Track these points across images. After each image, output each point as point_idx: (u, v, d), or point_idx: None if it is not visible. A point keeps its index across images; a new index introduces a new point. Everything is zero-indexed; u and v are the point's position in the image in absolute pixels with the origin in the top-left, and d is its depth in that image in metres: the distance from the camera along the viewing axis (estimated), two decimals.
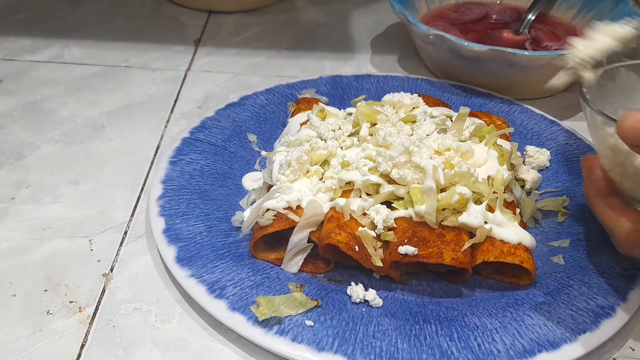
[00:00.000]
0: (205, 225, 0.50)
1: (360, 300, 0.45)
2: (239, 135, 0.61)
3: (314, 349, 0.41)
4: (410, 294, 0.47)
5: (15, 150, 0.61)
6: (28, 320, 0.44)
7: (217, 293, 0.44)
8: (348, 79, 0.70)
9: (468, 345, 0.42)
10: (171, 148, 0.57)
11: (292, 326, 0.42)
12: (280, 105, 0.66)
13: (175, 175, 0.54)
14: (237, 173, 0.57)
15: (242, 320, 0.42)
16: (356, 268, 0.48)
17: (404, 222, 0.47)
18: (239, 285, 0.45)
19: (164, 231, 0.49)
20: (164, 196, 0.52)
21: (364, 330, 0.43)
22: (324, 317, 0.43)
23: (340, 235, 0.46)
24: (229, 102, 0.64)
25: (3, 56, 0.76)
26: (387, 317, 0.44)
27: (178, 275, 0.45)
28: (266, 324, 0.42)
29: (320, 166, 0.52)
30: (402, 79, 0.70)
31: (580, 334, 0.43)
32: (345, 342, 0.42)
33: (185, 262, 0.46)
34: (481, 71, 0.68)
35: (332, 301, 0.45)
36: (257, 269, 0.47)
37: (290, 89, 0.67)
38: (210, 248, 0.48)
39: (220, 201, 0.53)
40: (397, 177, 0.47)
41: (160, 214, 0.50)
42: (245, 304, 0.43)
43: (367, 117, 0.55)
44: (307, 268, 0.48)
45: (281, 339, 0.41)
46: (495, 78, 0.68)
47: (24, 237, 0.51)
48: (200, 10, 0.89)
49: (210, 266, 0.46)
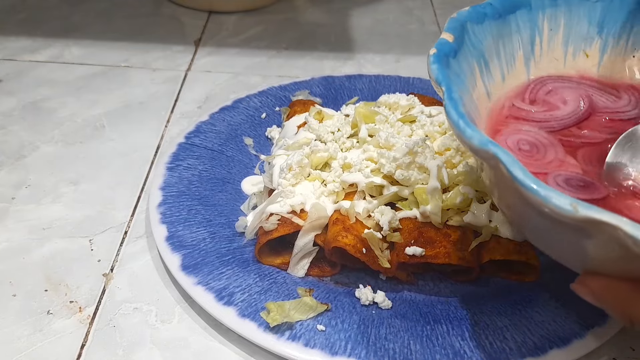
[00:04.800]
0: (208, 231, 0.50)
1: (370, 303, 0.45)
2: (234, 139, 0.60)
3: (328, 353, 0.41)
4: (418, 294, 0.47)
5: (15, 150, 0.61)
6: (28, 320, 0.44)
7: (226, 300, 0.44)
8: (340, 80, 0.69)
9: (480, 344, 0.42)
10: (167, 154, 0.57)
11: (303, 331, 0.42)
12: (274, 108, 0.65)
13: (174, 181, 0.54)
14: (236, 177, 0.57)
15: (253, 327, 0.42)
16: (362, 270, 0.48)
17: (409, 223, 0.47)
18: (247, 292, 0.45)
19: (167, 239, 0.48)
20: (164, 203, 0.51)
21: (376, 333, 0.43)
22: (334, 320, 0.43)
23: (347, 238, 0.46)
24: (223, 106, 0.64)
25: (3, 56, 0.76)
26: (398, 319, 0.44)
27: (184, 283, 0.45)
28: (277, 330, 0.42)
29: (321, 169, 0.52)
30: (394, 78, 0.70)
31: (590, 328, 0.43)
32: (358, 345, 0.41)
33: (190, 269, 0.46)
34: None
35: (342, 304, 0.45)
36: (264, 274, 0.47)
37: (284, 91, 0.67)
38: (215, 254, 0.48)
39: (221, 206, 0.53)
40: (401, 178, 0.47)
41: (161, 221, 0.50)
42: (255, 310, 0.43)
43: (365, 118, 0.54)
44: (314, 271, 0.48)
45: (294, 344, 0.41)
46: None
47: (24, 237, 0.51)
48: (200, 10, 0.89)
49: (216, 273, 0.46)
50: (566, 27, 0.45)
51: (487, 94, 0.41)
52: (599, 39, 0.45)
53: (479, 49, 0.40)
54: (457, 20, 0.39)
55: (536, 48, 0.44)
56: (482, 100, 0.40)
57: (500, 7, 0.42)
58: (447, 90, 0.34)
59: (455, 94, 0.34)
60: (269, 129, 0.63)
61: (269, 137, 0.62)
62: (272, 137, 0.62)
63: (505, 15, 0.42)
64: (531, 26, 0.44)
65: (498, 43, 0.42)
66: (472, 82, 0.39)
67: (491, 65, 0.42)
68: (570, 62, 0.45)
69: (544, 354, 0.41)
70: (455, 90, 0.34)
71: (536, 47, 0.44)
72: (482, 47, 0.41)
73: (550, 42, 0.45)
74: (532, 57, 0.44)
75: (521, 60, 0.44)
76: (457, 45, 0.38)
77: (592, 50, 0.45)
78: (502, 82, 0.43)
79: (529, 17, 0.43)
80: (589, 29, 0.45)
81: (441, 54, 0.36)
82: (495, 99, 0.42)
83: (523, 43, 0.44)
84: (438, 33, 0.88)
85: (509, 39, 0.43)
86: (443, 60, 0.36)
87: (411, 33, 0.88)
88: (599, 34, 0.45)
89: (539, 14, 0.44)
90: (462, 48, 0.38)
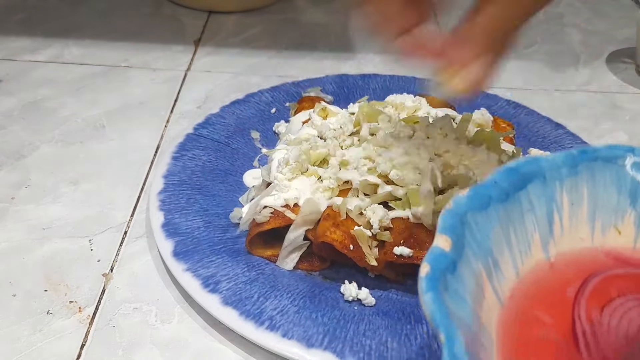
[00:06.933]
0: (204, 220, 0.50)
1: (353, 299, 0.45)
2: (242, 132, 0.61)
3: (304, 345, 0.41)
4: (405, 294, 0.47)
5: (15, 150, 0.61)
6: (28, 320, 0.44)
7: (212, 287, 0.44)
8: (354, 79, 0.69)
9: None
10: (174, 143, 0.58)
11: (283, 322, 0.42)
12: (285, 103, 0.66)
13: (177, 170, 0.55)
14: (239, 170, 0.57)
15: (234, 315, 0.43)
16: (352, 267, 0.48)
17: (401, 223, 0.47)
18: (233, 281, 0.45)
19: (163, 225, 0.49)
20: (164, 191, 0.52)
21: (355, 328, 0.43)
22: (315, 314, 0.44)
23: (335, 233, 0.46)
24: (234, 99, 0.64)
25: (3, 56, 0.76)
26: (379, 316, 0.44)
27: (174, 269, 0.46)
28: (258, 319, 0.42)
29: (319, 165, 0.52)
30: (409, 79, 0.69)
31: None
32: (336, 339, 0.42)
33: (181, 256, 0.47)
34: None
35: (325, 298, 0.45)
36: (253, 265, 0.47)
37: (296, 87, 0.67)
38: (208, 243, 0.48)
39: (220, 197, 0.53)
40: (395, 178, 0.47)
41: (160, 208, 0.51)
42: (239, 299, 0.44)
43: (369, 117, 0.55)
44: (303, 265, 0.48)
45: (272, 334, 0.41)
46: None
47: (24, 237, 0.51)
48: (200, 10, 0.89)
49: (206, 261, 0.46)
50: (590, 199, 0.35)
51: (498, 300, 0.31)
52: (633, 211, 0.36)
53: (485, 247, 0.31)
54: (454, 214, 0.30)
55: (555, 227, 0.34)
56: (493, 310, 0.30)
57: (508, 184, 0.33)
58: (447, 341, 0.25)
59: (460, 348, 0.24)
60: (277, 123, 0.63)
61: (276, 132, 0.63)
62: (279, 132, 0.62)
63: (514, 193, 0.33)
64: (547, 202, 0.34)
65: (508, 230, 0.32)
66: (478, 297, 0.29)
67: (501, 262, 0.32)
68: (600, 240, 0.35)
69: None
70: (459, 339, 0.25)
71: (555, 226, 0.34)
72: (489, 242, 0.31)
73: (572, 219, 0.35)
74: (552, 238, 0.34)
75: (538, 246, 0.34)
76: (456, 254, 0.29)
77: (625, 224, 0.36)
78: (516, 279, 0.32)
79: (543, 191, 0.34)
80: (619, 200, 0.36)
81: (437, 273, 0.27)
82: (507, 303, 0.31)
83: (539, 224, 0.34)
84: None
85: (520, 222, 0.33)
86: (440, 282, 0.27)
87: None
88: (632, 205, 0.35)
89: (555, 185, 0.34)
90: (463, 253, 0.29)
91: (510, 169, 0.33)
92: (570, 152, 0.35)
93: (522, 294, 0.32)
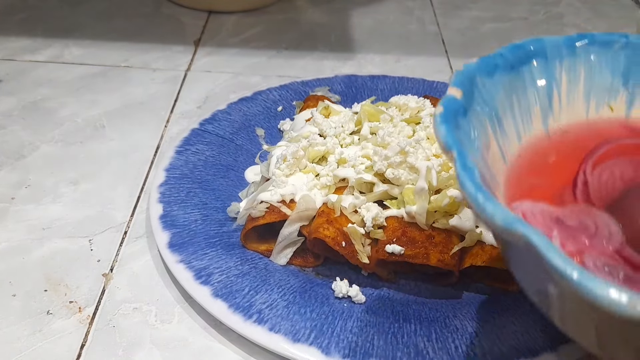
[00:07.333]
0: (201, 213, 0.51)
1: (344, 296, 0.46)
2: (247, 129, 0.61)
3: (290, 340, 0.41)
4: (396, 293, 0.47)
5: (15, 150, 0.61)
6: (28, 320, 0.44)
7: (203, 279, 0.45)
8: (363, 79, 0.69)
9: (445, 347, 0.42)
10: (179, 138, 0.58)
11: (271, 316, 0.43)
12: (292, 102, 0.66)
13: (180, 164, 0.55)
14: (241, 165, 0.57)
15: (223, 307, 0.43)
16: (345, 264, 0.48)
17: (395, 222, 0.47)
18: (225, 273, 0.46)
19: (161, 217, 0.49)
20: (165, 183, 0.53)
21: (342, 325, 0.43)
22: (304, 309, 0.44)
23: (328, 230, 0.46)
24: (242, 97, 0.65)
25: (3, 56, 0.76)
26: (368, 314, 0.44)
27: (168, 260, 0.46)
28: (246, 312, 0.43)
29: (318, 162, 0.52)
30: (418, 81, 0.69)
31: (563, 343, 0.42)
32: (322, 334, 0.42)
33: (176, 247, 0.47)
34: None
35: (316, 294, 0.45)
36: (246, 258, 0.48)
37: (305, 86, 0.68)
38: (203, 236, 0.49)
39: (219, 191, 0.54)
40: (391, 176, 0.48)
41: (159, 200, 0.51)
42: (229, 292, 0.44)
43: (370, 116, 0.55)
44: (297, 261, 0.49)
45: (259, 327, 0.42)
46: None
47: (24, 237, 0.51)
48: (200, 10, 0.89)
49: (200, 253, 0.47)
50: (587, 79, 0.39)
51: (502, 157, 0.35)
52: (625, 91, 0.40)
53: (490, 105, 0.35)
54: (465, 74, 0.34)
55: (554, 102, 0.39)
56: (497, 163, 0.35)
57: (512, 57, 0.37)
58: (459, 157, 0.28)
59: (470, 162, 0.28)
60: (282, 121, 0.63)
61: (281, 129, 0.63)
62: (284, 129, 0.63)
63: (519, 66, 0.37)
64: (548, 78, 0.38)
65: (512, 97, 0.37)
66: (485, 143, 0.34)
67: (505, 123, 0.36)
68: (594, 116, 0.40)
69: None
70: (469, 157, 0.28)
71: (554, 101, 0.39)
72: (495, 102, 0.36)
73: (569, 96, 0.39)
74: (551, 113, 0.39)
75: (538, 117, 0.38)
76: (466, 102, 0.33)
77: (618, 103, 0.40)
78: (518, 143, 0.37)
79: (545, 68, 0.38)
80: (613, 81, 0.40)
81: (449, 112, 0.31)
82: (511, 162, 0.36)
83: (540, 97, 0.38)
84: (438, 33, 0.88)
85: (523, 93, 0.37)
86: (452, 119, 0.31)
87: (411, 33, 0.88)
88: (625, 86, 0.40)
89: (555, 64, 0.38)
90: (472, 105, 0.34)
91: (515, 46, 0.37)
92: (570, 36, 0.38)
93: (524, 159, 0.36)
